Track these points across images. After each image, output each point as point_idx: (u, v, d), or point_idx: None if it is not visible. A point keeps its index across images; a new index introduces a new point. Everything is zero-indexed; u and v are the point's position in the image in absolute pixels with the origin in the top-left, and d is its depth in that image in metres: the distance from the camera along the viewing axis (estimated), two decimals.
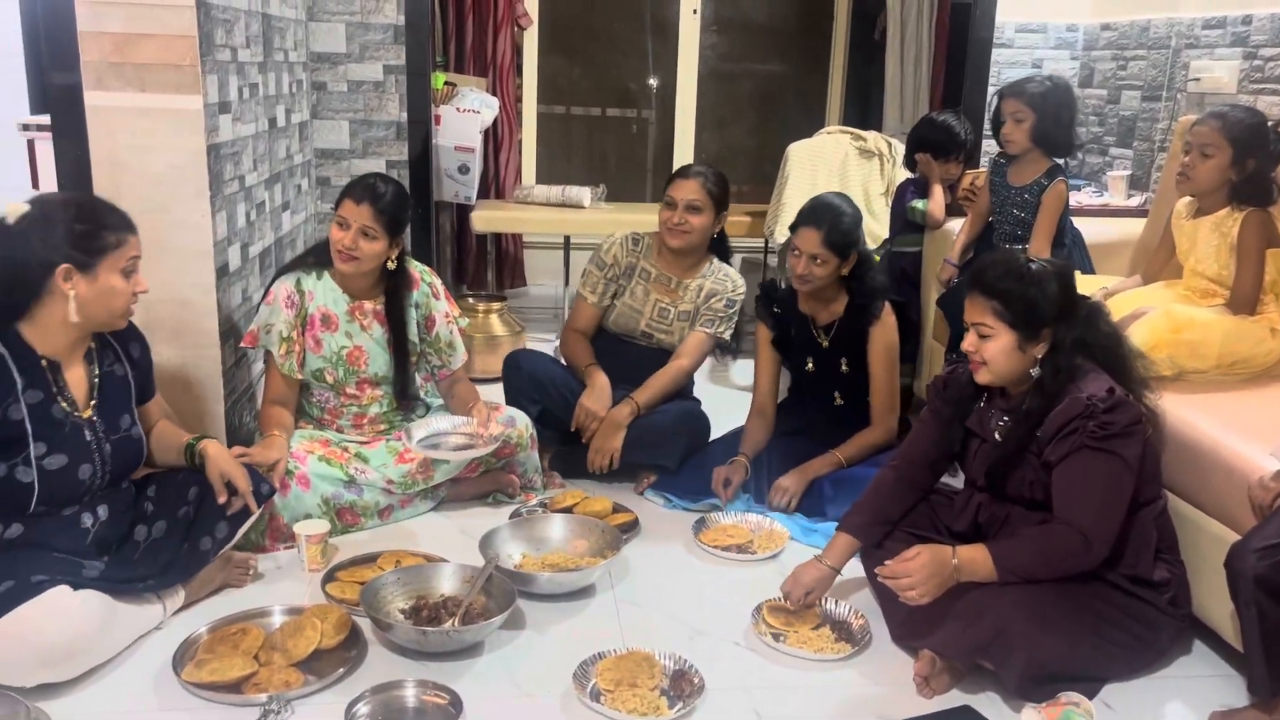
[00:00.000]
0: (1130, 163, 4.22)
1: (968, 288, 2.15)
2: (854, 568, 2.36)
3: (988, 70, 4.47)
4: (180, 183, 2.55)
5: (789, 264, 2.86)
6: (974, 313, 2.11)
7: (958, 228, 3.43)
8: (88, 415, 2.10)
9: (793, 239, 2.84)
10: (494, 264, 5.19)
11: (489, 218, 4.65)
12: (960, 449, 2.29)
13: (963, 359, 2.18)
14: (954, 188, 3.64)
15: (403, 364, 2.77)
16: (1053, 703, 1.93)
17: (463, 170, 4.37)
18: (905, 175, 3.89)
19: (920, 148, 3.62)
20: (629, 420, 2.95)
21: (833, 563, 2.27)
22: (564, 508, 2.73)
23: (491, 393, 3.06)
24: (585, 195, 4.67)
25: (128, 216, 2.09)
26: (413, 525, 2.72)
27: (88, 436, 2.09)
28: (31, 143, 4.26)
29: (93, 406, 2.11)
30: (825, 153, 4.29)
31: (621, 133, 5.81)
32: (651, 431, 2.96)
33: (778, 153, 4.41)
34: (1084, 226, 3.37)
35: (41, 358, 2.04)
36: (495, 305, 4.18)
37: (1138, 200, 3.91)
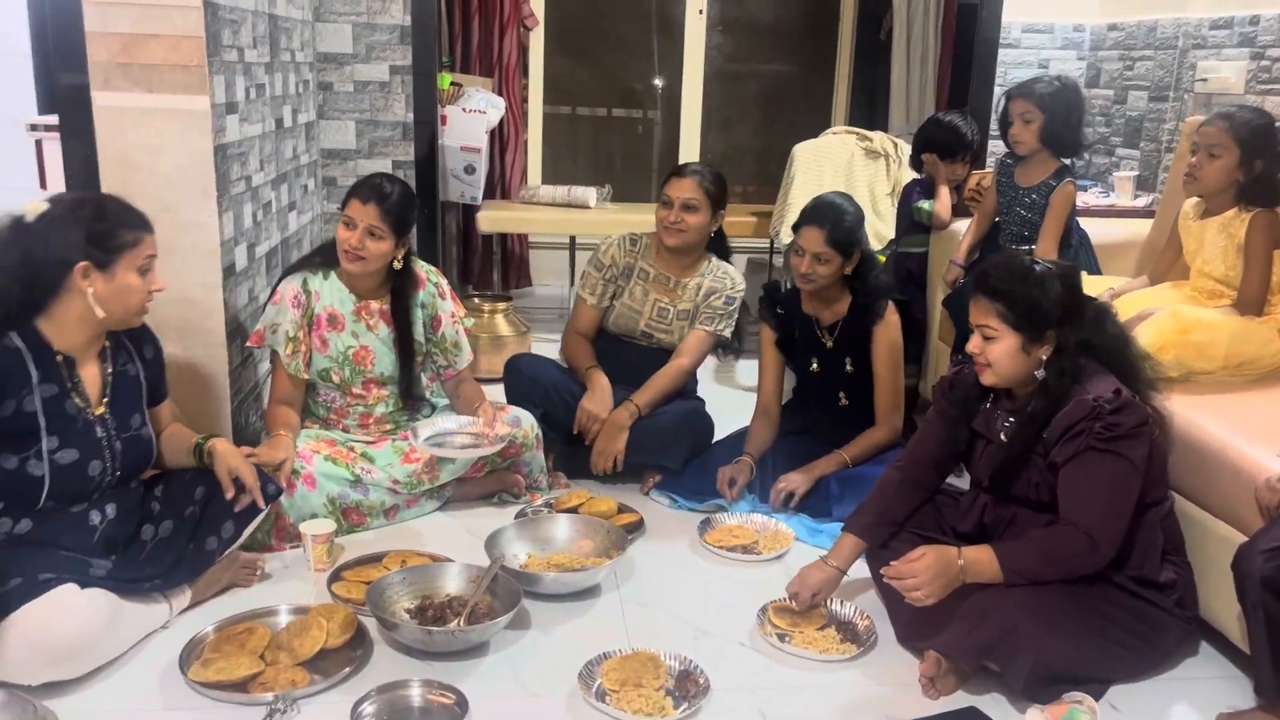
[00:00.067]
0: (1137, 163, 4.21)
1: (972, 289, 2.14)
2: (859, 568, 2.35)
3: (994, 70, 4.46)
4: (187, 183, 2.56)
5: (792, 263, 2.86)
6: (978, 315, 2.11)
7: (964, 228, 3.42)
8: (100, 412, 2.11)
9: (796, 238, 2.84)
10: (499, 264, 5.20)
11: (495, 218, 4.66)
12: (966, 450, 2.29)
13: (968, 360, 2.18)
14: (960, 188, 3.63)
15: (408, 364, 2.77)
16: (1057, 702, 1.93)
17: (468, 170, 4.37)
18: (911, 176, 3.88)
19: (926, 148, 3.61)
20: (630, 422, 2.94)
21: (838, 564, 2.27)
22: (569, 508, 2.74)
23: (496, 392, 3.07)
24: (591, 196, 4.67)
25: (144, 216, 2.11)
26: (418, 525, 2.72)
27: (99, 433, 2.10)
28: (39, 143, 4.27)
29: (105, 404, 2.13)
30: (831, 153, 4.29)
31: (627, 133, 5.81)
32: (653, 432, 2.95)
33: (783, 153, 4.41)
34: (1090, 227, 3.36)
35: (57, 353, 2.06)
36: (501, 305, 4.18)
37: (1144, 201, 3.90)
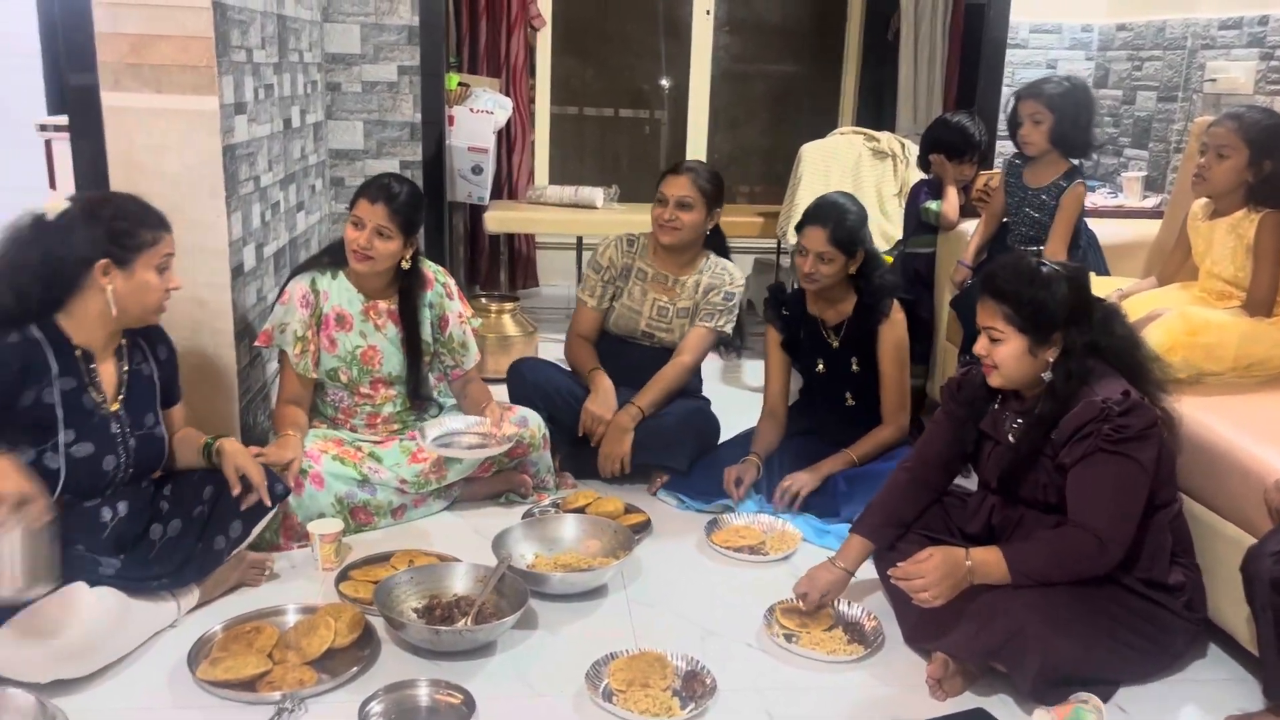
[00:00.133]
0: (1146, 164, 4.20)
1: (979, 291, 2.14)
2: (866, 569, 2.35)
3: (1002, 71, 4.45)
4: (196, 183, 2.57)
5: (796, 263, 2.86)
6: (985, 316, 2.11)
7: (971, 229, 3.42)
8: (115, 408, 2.14)
9: (799, 238, 2.84)
10: (507, 264, 5.21)
11: (502, 218, 4.67)
12: (974, 451, 2.28)
13: (976, 361, 2.18)
14: (968, 189, 3.63)
15: (416, 364, 2.78)
16: (1062, 703, 1.93)
17: (476, 171, 4.38)
18: (919, 176, 3.87)
19: (934, 149, 3.61)
20: (634, 424, 2.94)
21: (846, 565, 2.26)
22: (576, 508, 2.73)
23: (503, 392, 3.07)
24: (598, 196, 4.68)
25: (163, 215, 2.14)
26: (426, 525, 2.73)
27: (114, 429, 2.12)
28: (49, 143, 4.27)
29: (120, 400, 2.15)
30: (838, 153, 4.28)
31: (634, 133, 5.82)
32: (658, 433, 2.95)
33: (790, 153, 4.41)
34: (1099, 228, 3.35)
35: (76, 347, 2.08)
36: (508, 305, 4.19)
37: (1153, 201, 3.89)
